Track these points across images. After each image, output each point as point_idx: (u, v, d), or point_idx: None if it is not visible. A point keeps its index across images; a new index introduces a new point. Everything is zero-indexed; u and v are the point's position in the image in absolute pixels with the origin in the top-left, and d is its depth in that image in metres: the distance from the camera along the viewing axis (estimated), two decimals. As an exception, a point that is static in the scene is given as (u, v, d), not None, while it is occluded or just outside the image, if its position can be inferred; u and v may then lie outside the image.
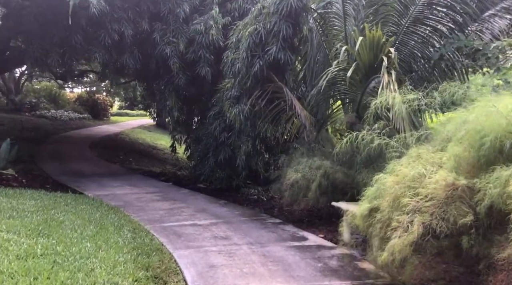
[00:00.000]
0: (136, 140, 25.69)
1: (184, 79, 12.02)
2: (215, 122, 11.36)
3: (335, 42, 9.44)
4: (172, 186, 11.82)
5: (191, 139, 13.13)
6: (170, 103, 12.29)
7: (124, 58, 12.01)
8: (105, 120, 34.41)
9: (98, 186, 11.29)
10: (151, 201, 9.66)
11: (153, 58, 12.42)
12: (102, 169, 14.51)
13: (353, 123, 7.80)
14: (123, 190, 10.86)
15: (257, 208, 9.58)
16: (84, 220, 7.07)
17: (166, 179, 12.85)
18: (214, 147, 11.55)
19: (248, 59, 8.81)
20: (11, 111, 28.25)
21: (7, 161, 10.91)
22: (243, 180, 11.28)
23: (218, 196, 10.72)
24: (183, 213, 8.61)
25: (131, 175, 13.56)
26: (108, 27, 11.50)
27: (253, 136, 9.88)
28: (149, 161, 19.10)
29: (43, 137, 21.81)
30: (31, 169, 13.38)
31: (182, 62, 11.99)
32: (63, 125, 27.78)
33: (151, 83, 13.30)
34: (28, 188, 9.57)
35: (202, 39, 11.56)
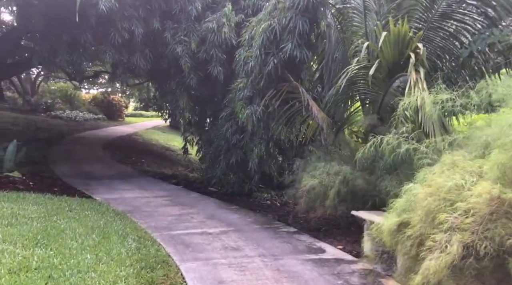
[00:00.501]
0: (149, 141, 25.22)
1: (195, 79, 11.43)
2: (227, 123, 10.76)
3: (354, 39, 8.74)
4: (182, 189, 11.23)
5: (203, 141, 12.54)
6: (181, 103, 11.71)
7: (134, 58, 11.46)
8: (120, 121, 34.05)
9: (107, 189, 10.75)
10: (160, 206, 9.08)
11: (164, 57, 11.85)
12: (113, 171, 13.99)
13: (375, 125, 7.12)
14: (133, 194, 10.31)
15: (270, 214, 8.94)
16: (87, 228, 6.50)
17: (176, 182, 12.28)
18: (226, 149, 10.95)
19: (261, 57, 8.17)
20: (26, 111, 27.99)
21: (13, 163, 10.41)
22: (255, 184, 10.68)
23: (229, 201, 10.12)
24: (192, 220, 8.01)
25: (142, 177, 13.00)
26: (118, 26, 10.96)
27: (266, 139, 9.24)
28: (161, 162, 18.56)
29: (57, 137, 21.41)
30: (42, 170, 12.90)
31: (194, 62, 11.40)
32: (77, 126, 27.43)
33: (162, 84, 12.75)
34: (34, 192, 9.04)
35: (214, 37, 10.95)
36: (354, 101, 9.17)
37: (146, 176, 13.30)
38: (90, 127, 28.08)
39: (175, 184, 12.03)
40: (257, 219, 8.34)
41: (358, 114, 9.09)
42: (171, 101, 12.08)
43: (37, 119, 25.92)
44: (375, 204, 6.98)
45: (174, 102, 11.96)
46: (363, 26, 8.23)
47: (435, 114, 5.21)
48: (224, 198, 10.44)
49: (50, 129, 23.11)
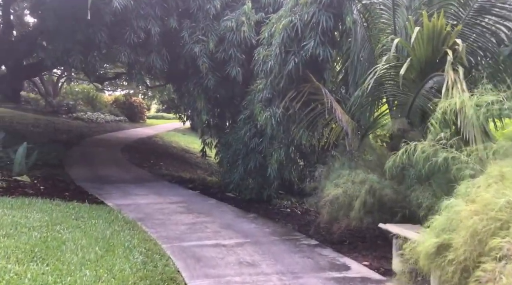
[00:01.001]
0: (169, 143, 24.84)
1: (213, 80, 10.90)
2: (245, 126, 10.20)
3: (381, 37, 8.10)
4: (198, 195, 10.70)
5: (220, 144, 12.00)
6: (199, 105, 11.20)
7: (151, 58, 10.99)
8: (141, 123, 33.83)
9: (121, 194, 10.29)
10: (174, 213, 8.55)
11: (182, 58, 11.35)
12: (130, 174, 13.57)
13: (405, 130, 6.46)
14: (147, 199, 9.81)
15: (290, 224, 8.33)
16: (91, 239, 6.00)
17: (193, 187, 11.75)
18: (244, 153, 10.38)
19: (281, 56, 7.57)
20: (48, 113, 27.95)
21: (26, 166, 10.03)
22: (275, 191, 10.09)
23: (247, 208, 9.54)
24: (206, 230, 7.45)
25: (158, 181, 12.53)
26: (133, 25, 10.52)
27: (286, 143, 8.63)
28: (180, 165, 18.12)
29: (77, 139, 21.19)
30: (56, 174, 12.54)
31: (212, 62, 10.88)
32: (98, 127, 27.26)
33: (180, 85, 12.27)
34: (42, 197, 8.61)
35: (233, 36, 10.42)
36: (380, 104, 8.52)
37: (163, 180, 12.82)
38: (111, 129, 27.88)
39: (192, 189, 11.51)
40: (276, 229, 7.73)
41: (385, 117, 8.42)
42: (188, 103, 11.57)
43: (58, 121, 25.82)
44: (405, 216, 6.32)
45: (191, 104, 11.45)
46: (392, 23, 7.57)
47: (478, 118, 4.53)
48: (242, 205, 9.87)
49: (70, 130, 22.93)
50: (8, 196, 8.07)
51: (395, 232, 5.93)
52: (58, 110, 28.57)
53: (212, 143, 13.38)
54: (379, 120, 8.04)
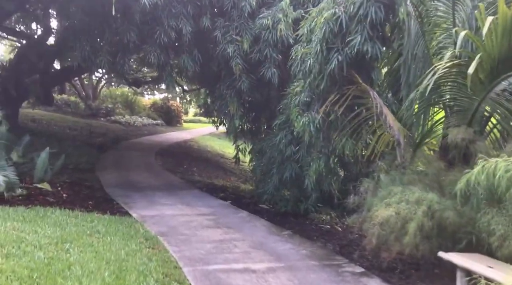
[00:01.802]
0: (205, 148, 24.13)
1: (247, 83, 9.97)
2: (281, 132, 9.20)
3: (436, 32, 6.98)
4: (229, 206, 9.74)
5: (254, 151, 11.03)
6: (231, 110, 10.27)
7: (182, 59, 10.16)
8: (178, 127, 33.41)
9: (147, 203, 9.47)
10: (201, 228, 7.63)
11: (214, 59, 10.48)
12: (160, 181, 12.79)
13: (471, 140, 5.31)
14: (173, 210, 8.94)
15: (330, 244, 7.26)
16: (102, 261, 5.13)
17: (224, 196, 10.82)
18: (279, 162, 9.38)
19: (322, 54, 6.51)
20: (87, 116, 27.81)
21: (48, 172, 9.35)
22: (312, 204, 9.03)
23: (282, 222, 8.53)
24: (235, 249, 6.48)
25: (188, 189, 11.67)
26: (164, 24, 9.72)
27: (327, 153, 7.55)
28: (213, 171, 17.28)
29: (112, 142, 20.74)
30: (85, 179, 11.90)
31: (246, 63, 9.94)
32: (135, 131, 26.87)
33: (212, 88, 11.41)
34: (62, 206, 7.89)
35: (269, 35, 9.46)
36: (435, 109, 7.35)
37: (193, 188, 11.95)
38: (148, 132, 27.45)
39: (223, 198, 10.57)
40: (314, 251, 6.68)
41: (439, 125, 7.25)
42: (220, 107, 10.67)
43: (96, 124, 25.56)
44: (471, 244, 5.18)
45: (224, 108, 10.54)
46: (450, 16, 6.43)
47: None
48: (276, 219, 8.86)
49: (106, 133, 22.53)
50: (25, 206, 7.38)
51: (460, 264, 4.83)
52: (97, 113, 28.42)
53: (246, 149, 12.44)
54: (436, 127, 6.86)
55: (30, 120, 21.72)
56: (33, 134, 17.28)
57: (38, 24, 16.82)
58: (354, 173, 9.68)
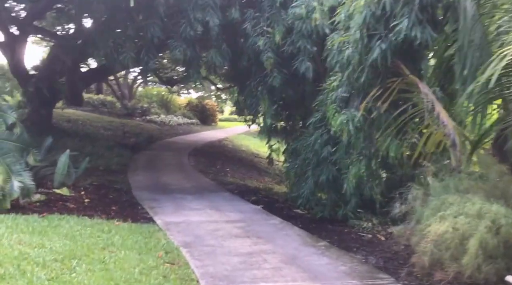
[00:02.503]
0: (239, 147, 23.49)
1: (279, 78, 9.18)
2: (316, 132, 8.38)
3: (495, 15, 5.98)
4: (261, 211, 8.97)
5: (287, 152, 10.23)
6: (262, 107, 9.53)
7: (209, 54, 9.48)
8: (213, 126, 32.95)
9: (174, 208, 8.84)
10: (228, 237, 6.91)
11: (244, 53, 9.74)
12: (191, 183, 12.17)
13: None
14: (201, 216, 8.26)
15: (373, 256, 6.38)
16: (111, 282, 4.48)
17: (256, 200, 10.05)
18: (315, 164, 8.55)
19: (362, 42, 5.63)
20: (123, 116, 27.68)
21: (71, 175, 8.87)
22: (352, 209, 8.16)
23: (318, 230, 7.72)
24: (265, 264, 5.72)
25: (218, 192, 10.98)
26: (190, 16, 9.06)
27: (368, 155, 6.65)
28: (247, 171, 16.58)
29: (146, 142, 20.37)
30: (114, 181, 11.42)
31: (277, 57, 9.17)
32: (170, 130, 26.54)
33: (242, 85, 10.67)
34: (82, 213, 7.35)
35: (303, 26, 8.64)
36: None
37: (224, 190, 11.25)
38: (182, 132, 27.07)
39: (255, 202, 9.81)
40: (354, 267, 5.82)
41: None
42: (251, 105, 9.91)
43: (131, 123, 25.36)
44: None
45: (255, 105, 9.79)
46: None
47: None
48: (311, 225, 8.05)
49: (140, 133, 22.21)
50: (40, 214, 6.86)
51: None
52: (133, 113, 28.27)
53: (280, 149, 11.66)
54: (495, 127, 5.87)
55: (65, 121, 21.67)
56: (66, 135, 17.12)
57: (71, 23, 16.59)
58: (397, 176, 8.78)
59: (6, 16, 15.38)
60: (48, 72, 16.02)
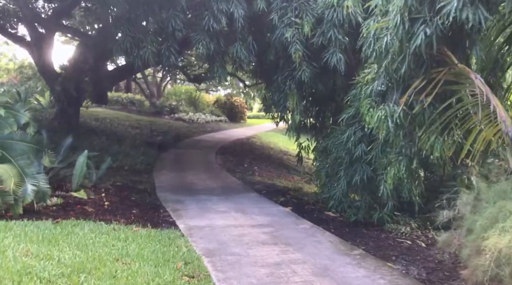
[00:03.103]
0: (267, 145, 22.88)
1: (308, 72, 8.53)
2: (349, 129, 7.72)
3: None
4: (290, 214, 8.35)
5: (317, 151, 9.57)
6: (291, 103, 8.89)
7: (234, 48, 8.90)
8: (241, 123, 32.45)
9: (199, 210, 8.33)
10: (255, 244, 6.32)
11: (271, 46, 9.11)
12: (217, 182, 11.65)
13: None
14: (226, 220, 7.72)
15: (414, 267, 5.70)
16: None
17: (285, 201, 9.43)
18: (347, 163, 7.90)
19: (403, 27, 4.92)
20: (151, 114, 27.52)
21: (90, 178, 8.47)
22: (388, 212, 7.47)
23: (351, 236, 7.06)
24: (294, 277, 5.11)
25: (245, 192, 10.41)
26: (213, 8, 8.51)
27: (409, 155, 5.94)
28: (275, 169, 15.97)
29: (174, 141, 20.03)
30: (139, 181, 11.03)
31: (306, 49, 8.51)
32: (198, 128, 26.19)
33: (269, 80, 10.04)
34: (100, 217, 6.92)
35: (334, 14, 7.98)
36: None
37: (251, 191, 10.68)
38: (210, 129, 26.68)
39: (283, 204, 9.20)
40: (395, 280, 5.15)
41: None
42: (278, 101, 9.27)
43: (160, 122, 25.13)
44: None
45: (283, 101, 9.15)
46: None
47: None
48: (345, 231, 7.40)
49: (168, 131, 21.89)
50: (55, 218, 6.44)
51: None
52: (161, 111, 28.08)
53: (310, 147, 11.01)
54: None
55: (93, 119, 21.57)
56: (93, 134, 16.90)
57: (100, 23, 16.32)
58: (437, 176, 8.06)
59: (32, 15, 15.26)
60: (74, 71, 15.80)
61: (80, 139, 15.47)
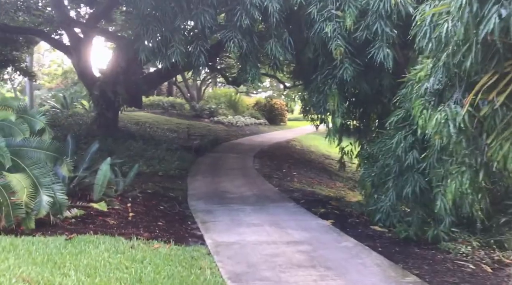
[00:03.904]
0: (308, 148, 21.94)
1: (351, 70, 7.58)
2: (398, 133, 6.73)
3: None
4: (331, 229, 7.40)
5: (362, 157, 8.59)
6: (331, 105, 7.97)
7: (268, 45, 8.07)
8: (281, 126, 31.63)
9: (229, 223, 7.54)
10: (289, 267, 5.45)
11: (309, 43, 8.22)
12: (252, 190, 10.86)
13: None
14: (258, 235, 6.87)
15: (483, 302, 4.69)
16: None
17: (325, 213, 8.49)
18: (397, 172, 6.92)
19: (470, 9, 3.91)
20: (191, 117, 27.15)
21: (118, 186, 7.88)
22: (445, 229, 6.43)
23: (402, 256, 6.07)
24: (334, 313, 4.23)
25: (282, 202, 9.54)
26: (246, 2, 7.71)
27: (474, 166, 4.90)
28: (316, 175, 15.02)
29: (212, 144, 19.46)
30: (171, 188, 10.43)
31: (349, 45, 7.57)
32: (237, 131, 25.56)
33: (307, 80, 9.15)
34: (121, 231, 6.27)
35: (380, 5, 7.00)
36: None
37: (289, 200, 9.80)
38: (250, 132, 26.00)
39: (323, 216, 8.27)
40: (460, 321, 4.18)
41: None
42: (317, 103, 8.35)
43: (199, 125, 24.70)
44: None
45: (322, 103, 8.23)
46: None
47: None
48: (394, 250, 6.40)
49: (206, 135, 21.36)
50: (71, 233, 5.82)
51: None
52: (201, 114, 27.68)
53: (353, 152, 10.04)
54: None
55: (134, 123, 21.33)
56: (131, 138, 16.52)
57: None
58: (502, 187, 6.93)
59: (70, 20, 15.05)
60: (111, 74, 15.49)
61: (117, 143, 15.12)
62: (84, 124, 18.03)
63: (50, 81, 38.92)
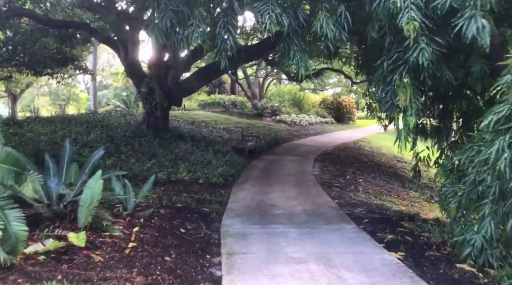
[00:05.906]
0: (378, 150, 19.58)
1: (429, 52, 5.46)
2: (499, 139, 4.60)
3: None
4: (400, 268, 5.36)
5: (443, 168, 6.42)
6: (401, 99, 5.90)
7: (317, 22, 6.14)
8: (349, 124, 29.30)
9: (263, 257, 5.71)
10: None
11: (373, 19, 6.19)
12: (304, 204, 8.98)
13: None
14: (298, 280, 4.97)
15: None
16: None
17: (394, 241, 6.42)
18: (496, 194, 4.79)
19: None
20: (252, 116, 25.69)
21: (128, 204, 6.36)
22: None
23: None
24: None
25: (339, 223, 7.57)
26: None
27: None
28: (386, 182, 12.85)
29: (269, 145, 17.81)
30: (207, 201, 8.83)
31: (426, 18, 5.48)
32: (300, 131, 23.70)
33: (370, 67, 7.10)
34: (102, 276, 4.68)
35: (471, -45, 4.88)
36: None
37: (348, 219, 7.78)
38: (314, 132, 24.04)
39: (392, 245, 6.21)
40: None
41: None
42: (384, 96, 6.32)
43: (259, 124, 23.15)
44: None
45: (389, 97, 6.18)
46: None
47: None
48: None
49: (266, 135, 19.71)
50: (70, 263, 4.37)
51: None
52: (262, 113, 26.16)
53: (430, 158, 7.88)
54: None
55: (189, 123, 20.21)
56: (180, 138, 15.24)
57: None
58: None
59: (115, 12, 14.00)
60: (157, 70, 14.31)
61: (163, 145, 13.86)
62: (135, 124, 17.08)
63: (117, 80, 39.34)
